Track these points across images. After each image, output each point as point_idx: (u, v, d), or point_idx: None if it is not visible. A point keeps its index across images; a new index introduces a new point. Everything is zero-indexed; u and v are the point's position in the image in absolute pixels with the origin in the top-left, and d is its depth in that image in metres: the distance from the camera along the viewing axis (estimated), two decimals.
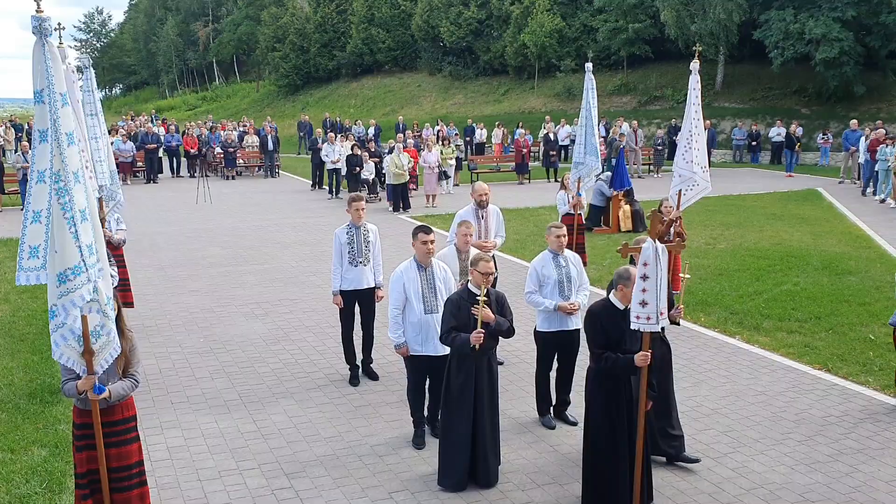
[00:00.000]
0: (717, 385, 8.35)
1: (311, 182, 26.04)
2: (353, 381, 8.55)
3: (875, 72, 30.63)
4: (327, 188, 24.10)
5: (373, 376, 8.66)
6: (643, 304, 5.67)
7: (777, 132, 29.04)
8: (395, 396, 8.13)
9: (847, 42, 28.31)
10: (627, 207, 17.26)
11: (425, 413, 7.24)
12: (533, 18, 39.50)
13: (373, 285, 8.63)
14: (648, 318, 5.71)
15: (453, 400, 6.30)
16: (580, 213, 12.84)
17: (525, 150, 26.37)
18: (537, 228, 17.16)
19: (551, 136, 27.58)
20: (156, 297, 12.13)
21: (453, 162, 24.26)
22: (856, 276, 12.62)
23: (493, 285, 7.08)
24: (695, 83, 10.40)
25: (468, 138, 32.33)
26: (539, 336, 7.47)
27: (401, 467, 6.63)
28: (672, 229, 9.87)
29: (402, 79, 49.37)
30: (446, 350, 6.57)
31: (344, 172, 22.61)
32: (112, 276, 6.67)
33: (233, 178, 28.62)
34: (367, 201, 21.97)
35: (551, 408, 7.58)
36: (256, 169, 30.08)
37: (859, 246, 15.12)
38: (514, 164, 26.94)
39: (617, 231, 16.95)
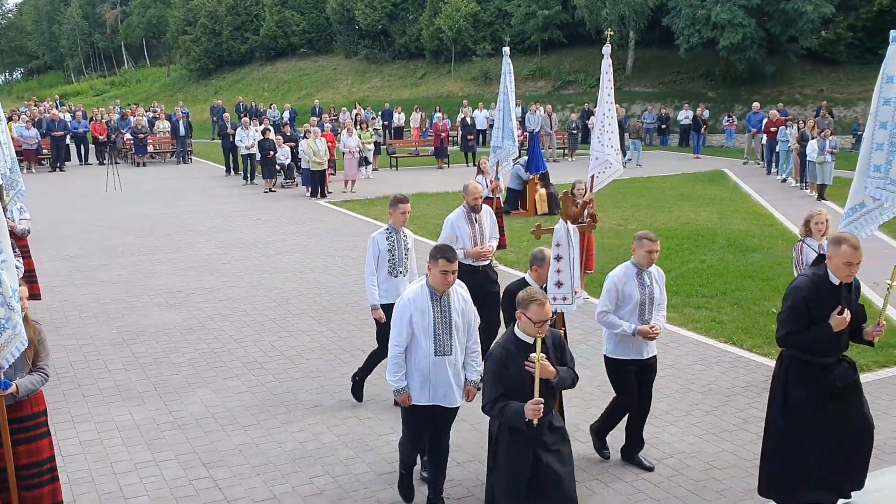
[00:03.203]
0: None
1: (224, 168, 25.54)
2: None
3: (776, 56, 31.89)
4: (242, 174, 23.71)
5: (359, 397, 7.69)
6: (558, 284, 5.83)
7: (685, 115, 29.94)
8: (314, 383, 8.11)
9: (750, 28, 29.37)
10: (543, 191, 17.55)
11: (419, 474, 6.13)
12: (448, 2, 39.54)
13: None
14: (564, 299, 5.88)
15: (507, 476, 4.88)
16: (498, 197, 13.02)
17: (444, 135, 26.46)
18: None
19: (469, 120, 27.76)
20: (64, 288, 11.74)
21: (372, 146, 24.18)
22: (759, 252, 13.18)
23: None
24: (607, 67, 10.62)
25: (386, 122, 32.22)
26: (613, 364, 6.27)
27: (321, 452, 6.63)
28: (586, 211, 10.09)
29: (317, 62, 48.77)
30: (458, 401, 5.59)
31: (258, 158, 22.26)
32: (17, 267, 6.44)
33: (143, 164, 27.83)
34: (282, 186, 21.99)
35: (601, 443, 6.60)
36: (168, 155, 29.32)
37: (762, 224, 15.79)
38: (432, 148, 27.01)
39: (534, 214, 17.22)
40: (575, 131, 28.58)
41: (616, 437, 6.58)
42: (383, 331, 7.07)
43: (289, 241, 15.03)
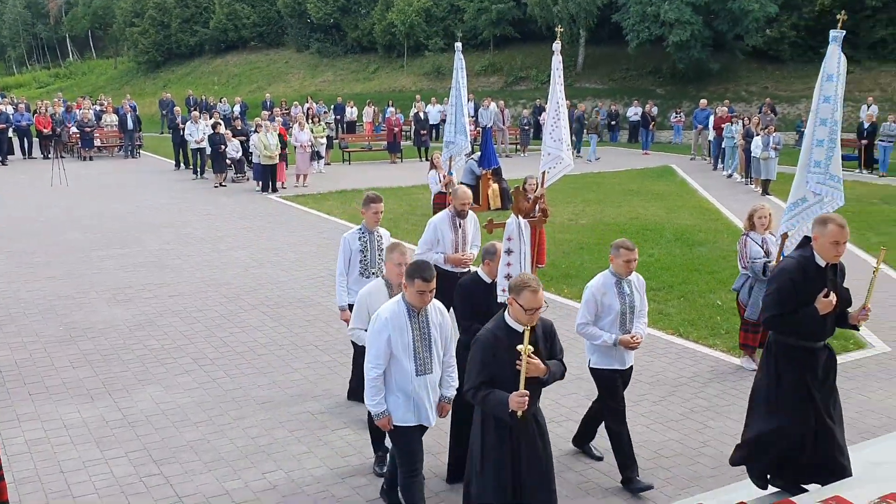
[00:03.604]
0: (578, 353, 8.70)
1: (174, 162, 25.16)
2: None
3: (723, 54, 32.53)
4: (192, 168, 23.39)
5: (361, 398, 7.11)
6: (508, 277, 5.90)
7: (634, 112, 30.35)
8: (266, 379, 8.08)
9: (697, 25, 29.90)
10: (496, 186, 17.66)
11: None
12: None
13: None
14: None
15: (488, 466, 4.81)
16: (451, 192, 13.09)
17: (396, 129, 26.44)
18: (410, 208, 17.34)
19: (422, 115, 27.77)
20: (9, 284, 11.48)
21: (324, 140, 24.06)
22: (705, 246, 13.48)
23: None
24: (557, 64, 10.75)
25: (338, 117, 32.06)
26: (599, 374, 6.13)
27: (273, 448, 6.63)
28: (538, 206, 10.22)
29: (268, 55, 48.27)
30: (433, 422, 5.28)
31: (208, 152, 21.98)
32: None
33: (90, 158, 27.24)
34: (233, 181, 21.74)
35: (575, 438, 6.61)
36: (116, 149, 28.75)
37: (708, 218, 16.14)
38: (385, 142, 26.96)
39: (487, 209, 17.32)
40: (527, 127, 28.80)
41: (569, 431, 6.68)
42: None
43: (240, 236, 14.90)
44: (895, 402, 7.43)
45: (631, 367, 6.16)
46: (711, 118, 24.35)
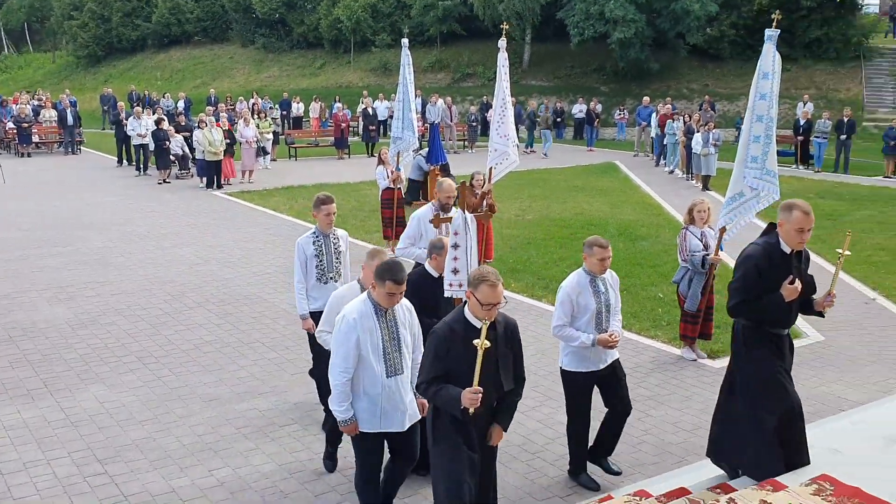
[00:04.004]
0: (526, 344, 8.70)
1: (116, 158, 24.66)
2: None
3: (665, 52, 33.15)
4: (135, 165, 22.96)
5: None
6: (455, 271, 5.97)
7: (579, 109, 30.73)
8: (212, 376, 8.03)
9: (640, 23, 30.41)
10: None
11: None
12: None
13: None
14: (461, 285, 6.02)
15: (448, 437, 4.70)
16: (399, 188, 13.14)
17: (344, 125, 26.34)
18: (358, 203, 17.33)
19: (370, 110, 27.70)
20: None
21: (270, 136, 23.87)
22: (647, 240, 13.76)
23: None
24: (503, 61, 10.88)
25: (284, 112, 31.78)
26: (569, 377, 5.91)
27: (220, 445, 6.60)
28: (485, 202, 10.33)
29: (212, 50, 47.52)
30: (408, 424, 5.10)
31: (152, 148, 21.60)
32: None
33: (28, 155, 26.54)
34: (177, 177, 21.41)
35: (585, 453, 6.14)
36: (56, 145, 28.05)
37: (651, 213, 16.47)
38: (332, 138, 26.85)
39: None
40: (475, 123, 28.95)
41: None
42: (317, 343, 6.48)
43: (185, 233, 14.70)
44: (828, 389, 7.71)
45: (614, 362, 5.93)
46: (654, 115, 24.80)
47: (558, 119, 31.95)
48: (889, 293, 10.81)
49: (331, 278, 6.72)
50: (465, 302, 4.62)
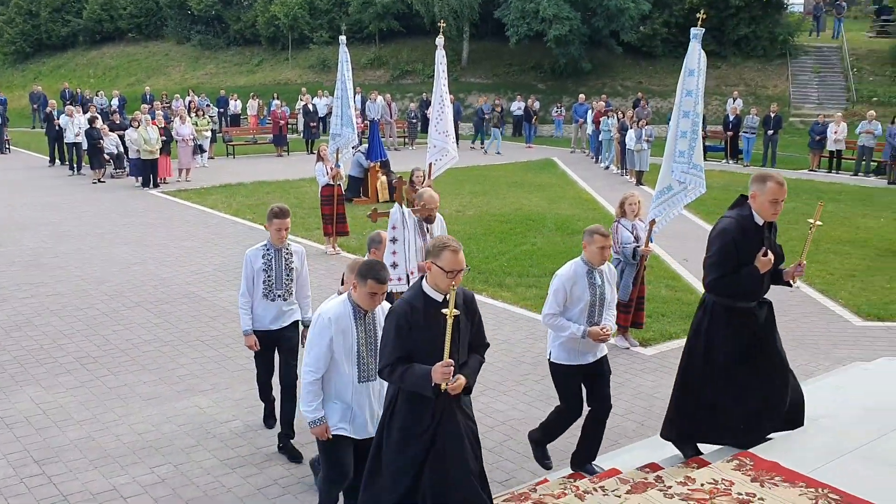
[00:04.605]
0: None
1: (48, 158, 24.05)
2: (269, 420, 6.91)
3: (600, 50, 33.76)
4: (68, 164, 22.44)
5: (295, 457, 6.34)
6: (394, 265, 6.11)
7: (517, 106, 31.08)
8: (152, 375, 8.00)
9: (575, 21, 30.90)
10: (384, 178, 17.83)
11: None
12: None
13: (290, 323, 6.47)
14: (399, 279, 6.17)
15: (390, 453, 4.34)
16: (339, 185, 13.18)
17: (283, 122, 26.18)
18: (298, 201, 17.28)
19: (310, 107, 27.57)
20: None
21: (208, 134, 23.60)
22: None
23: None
24: (441, 58, 11.02)
25: (222, 110, 31.40)
26: (557, 369, 5.77)
27: (161, 442, 6.60)
28: None
29: (147, 47, 46.58)
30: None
31: (85, 147, 21.14)
32: None
33: None
34: (112, 176, 21.01)
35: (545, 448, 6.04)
36: None
37: (587, 208, 16.84)
38: (271, 136, 26.66)
39: (376, 201, 17.45)
40: (414, 120, 29.06)
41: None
42: (261, 362, 6.58)
43: (121, 232, 14.48)
44: None
45: (602, 358, 5.76)
46: (590, 112, 25.26)
47: (501, 117, 32.31)
48: (812, 282, 11.30)
49: (279, 296, 6.30)
50: (422, 277, 4.38)
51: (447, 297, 4.18)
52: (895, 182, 20.72)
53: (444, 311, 4.09)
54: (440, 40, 11.04)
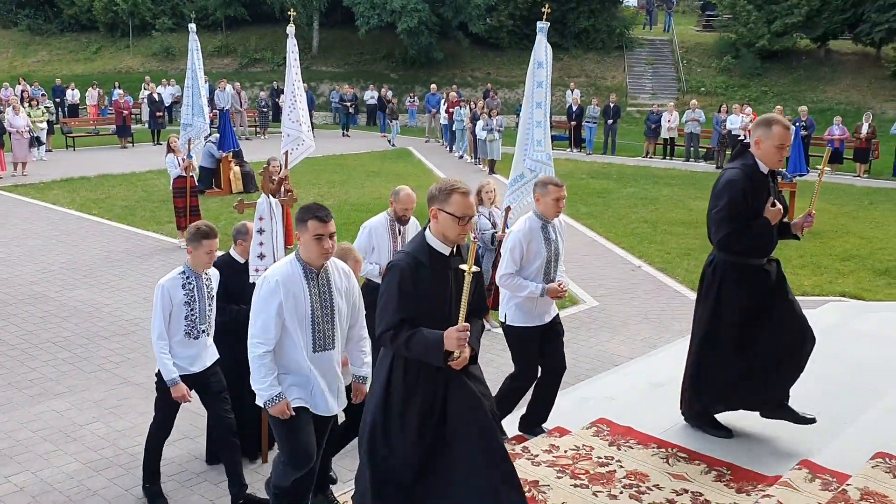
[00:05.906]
0: None
1: None
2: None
3: (449, 40, 34.38)
4: None
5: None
6: (261, 256, 6.11)
7: (371, 95, 31.16)
8: (1, 380, 7.60)
9: (424, 13, 31.30)
10: (237, 169, 17.50)
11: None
12: None
13: (212, 362, 5.48)
14: (266, 270, 6.17)
15: (394, 436, 3.80)
16: (192, 176, 12.85)
17: (126, 112, 25.05)
18: (146, 194, 16.69)
19: (156, 96, 26.49)
20: None
21: (45, 125, 22.25)
22: None
23: None
24: (292, 46, 10.95)
25: (58, 100, 29.61)
26: (514, 332, 5.45)
27: (16, 450, 6.32)
28: (283, 187, 10.40)
29: None
30: (336, 409, 4.44)
31: None
32: None
33: None
34: None
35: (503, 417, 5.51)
36: None
37: None
38: (114, 126, 25.47)
39: (229, 192, 17.10)
40: (265, 109, 28.59)
41: None
42: (166, 410, 5.44)
43: None
44: (603, 348, 8.62)
45: (556, 317, 5.55)
46: (443, 102, 25.73)
47: (351, 106, 32.27)
48: (652, 261, 12.13)
49: (202, 332, 5.35)
50: (426, 227, 3.79)
51: (454, 250, 3.71)
52: (722, 167, 22.40)
53: (461, 266, 3.59)
54: (291, 29, 10.94)
